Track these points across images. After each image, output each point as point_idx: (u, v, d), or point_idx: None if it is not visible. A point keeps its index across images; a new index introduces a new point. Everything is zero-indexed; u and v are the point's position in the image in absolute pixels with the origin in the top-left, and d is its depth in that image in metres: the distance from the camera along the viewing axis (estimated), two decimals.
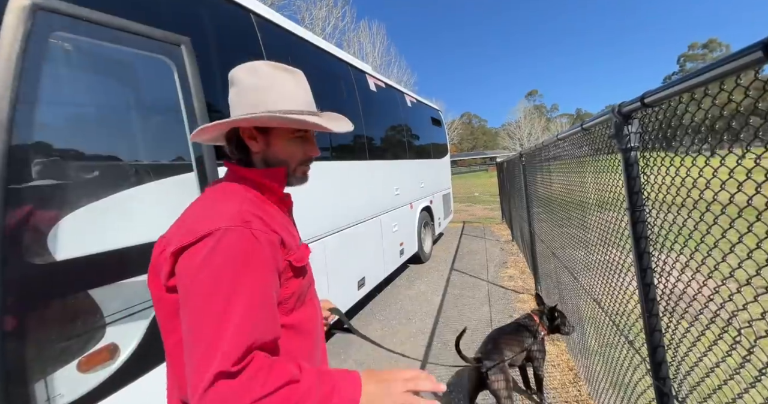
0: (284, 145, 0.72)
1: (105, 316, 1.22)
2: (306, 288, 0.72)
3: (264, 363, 0.53)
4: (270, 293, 0.59)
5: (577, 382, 2.16)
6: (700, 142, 0.79)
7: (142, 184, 1.40)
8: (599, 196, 1.47)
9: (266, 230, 0.61)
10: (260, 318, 0.56)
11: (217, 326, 0.52)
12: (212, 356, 0.50)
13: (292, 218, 0.80)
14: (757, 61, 0.54)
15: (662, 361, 0.96)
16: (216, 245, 0.55)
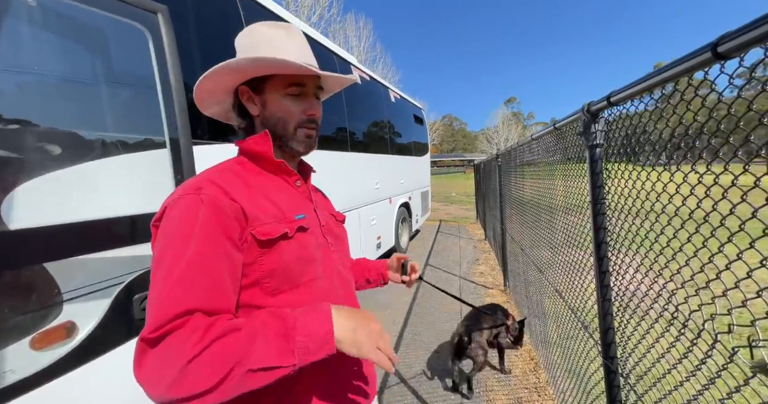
0: (279, 102, 0.67)
1: (63, 293, 1.16)
2: (298, 266, 0.63)
3: (201, 323, 0.49)
4: (213, 256, 0.54)
5: (536, 370, 2.28)
6: (654, 150, 0.86)
7: (109, 156, 1.33)
8: (566, 200, 1.56)
9: (218, 196, 0.58)
10: (196, 283, 0.52)
11: (153, 293, 0.52)
12: (147, 325, 0.49)
13: (301, 189, 0.73)
14: (707, 61, 0.60)
15: (612, 342, 1.05)
16: (168, 213, 0.57)
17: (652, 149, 0.89)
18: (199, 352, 0.46)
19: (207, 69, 0.70)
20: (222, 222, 0.56)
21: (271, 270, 0.61)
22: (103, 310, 1.23)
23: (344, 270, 0.76)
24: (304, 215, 0.68)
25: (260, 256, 0.60)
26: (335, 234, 0.78)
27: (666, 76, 0.71)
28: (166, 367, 0.46)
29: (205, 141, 1.90)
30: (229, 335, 0.48)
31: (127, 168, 1.38)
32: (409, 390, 2.14)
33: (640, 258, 0.92)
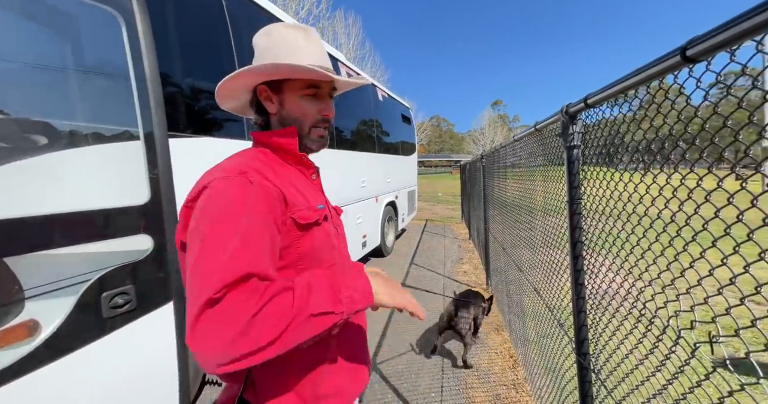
0: (296, 103, 0.71)
1: (25, 290, 1.10)
2: (324, 252, 0.70)
3: (259, 284, 0.53)
4: (262, 233, 0.58)
5: (515, 368, 2.32)
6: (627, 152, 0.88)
7: (77, 147, 1.27)
8: (546, 202, 1.59)
9: (263, 180, 0.61)
10: (253, 252, 0.55)
11: (210, 262, 0.53)
12: (201, 290, 0.50)
13: (315, 182, 0.79)
14: (676, 65, 0.62)
15: (585, 339, 1.07)
16: (212, 191, 0.59)
17: (624, 152, 0.91)
18: (261, 306, 0.50)
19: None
20: (270, 204, 0.60)
21: (304, 253, 0.66)
22: (69, 308, 1.17)
23: (348, 257, 0.84)
24: (322, 205, 0.73)
25: (297, 239, 0.65)
26: (339, 225, 0.85)
27: (639, 78, 0.72)
28: (228, 324, 0.48)
29: (184, 134, 1.84)
30: (286, 292, 0.53)
31: (97, 160, 1.32)
32: (390, 389, 2.14)
33: (612, 258, 0.95)
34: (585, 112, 1.06)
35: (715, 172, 0.61)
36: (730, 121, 0.54)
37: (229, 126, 2.23)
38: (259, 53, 0.71)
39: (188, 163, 1.87)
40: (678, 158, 0.71)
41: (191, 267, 0.54)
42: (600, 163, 1.04)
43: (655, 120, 0.77)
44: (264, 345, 0.49)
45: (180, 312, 1.50)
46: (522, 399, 2.01)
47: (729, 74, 0.58)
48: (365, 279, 0.61)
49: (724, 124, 0.54)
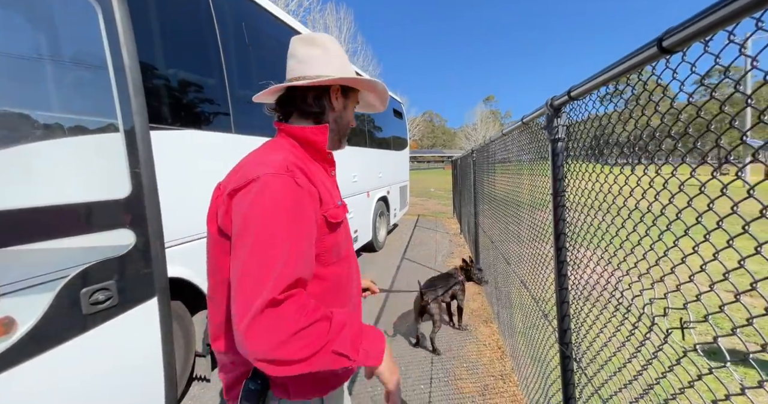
0: (351, 111, 0.84)
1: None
2: (342, 245, 0.76)
3: (308, 301, 0.59)
4: (309, 236, 0.63)
5: (503, 359, 2.36)
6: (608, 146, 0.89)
7: (54, 138, 1.23)
8: (532, 197, 1.61)
9: (307, 182, 0.66)
10: (302, 257, 0.61)
11: (267, 260, 0.56)
12: (262, 286, 0.55)
13: (333, 178, 0.85)
14: (653, 56, 0.62)
15: (567, 328, 1.09)
16: (264, 188, 0.61)
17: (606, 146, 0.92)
18: (305, 326, 0.55)
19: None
20: (314, 207, 0.66)
21: (329, 247, 0.71)
22: (47, 305, 1.14)
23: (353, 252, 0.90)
24: (341, 202, 0.80)
25: (325, 235, 0.70)
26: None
27: (619, 70, 0.73)
28: (280, 329, 0.54)
29: (165, 126, 1.79)
30: (326, 320, 0.58)
31: (75, 152, 1.28)
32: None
33: (593, 249, 0.96)
34: (569, 105, 1.07)
35: (688, 163, 0.62)
36: (702, 112, 0.55)
37: (214, 118, 2.19)
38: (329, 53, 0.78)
39: (172, 156, 1.83)
40: (654, 152, 0.72)
41: (244, 262, 0.57)
42: (583, 157, 1.05)
43: (634, 113, 0.77)
44: (296, 359, 0.55)
45: (165, 307, 1.47)
46: (509, 389, 2.04)
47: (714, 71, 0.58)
48: (382, 345, 0.66)
49: (697, 115, 0.55)
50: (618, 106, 0.87)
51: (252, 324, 0.53)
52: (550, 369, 1.39)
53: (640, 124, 0.75)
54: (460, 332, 2.80)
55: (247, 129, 2.35)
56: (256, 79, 2.52)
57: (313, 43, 0.79)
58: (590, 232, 0.97)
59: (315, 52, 0.77)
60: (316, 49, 0.78)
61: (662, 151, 0.66)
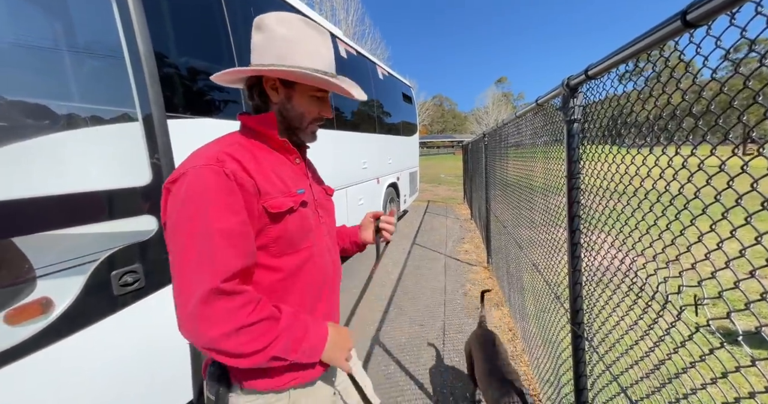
0: (303, 101, 0.76)
1: (36, 269, 1.14)
2: (296, 235, 0.73)
3: (254, 297, 0.61)
4: (240, 226, 0.63)
5: (514, 340, 2.41)
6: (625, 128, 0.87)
7: (76, 128, 1.27)
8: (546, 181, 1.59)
9: (239, 171, 0.65)
10: (235, 247, 0.61)
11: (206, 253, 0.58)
12: (200, 277, 0.57)
13: (299, 166, 0.81)
14: (677, 31, 0.60)
15: (579, 309, 1.10)
16: (191, 181, 0.61)
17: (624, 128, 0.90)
18: (250, 324, 0.58)
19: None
20: (244, 195, 0.64)
21: (276, 237, 0.70)
22: (80, 287, 1.22)
23: (330, 239, 0.87)
24: (303, 190, 0.77)
25: (267, 225, 0.69)
26: (324, 207, 0.88)
27: (639, 47, 0.71)
28: (222, 322, 0.57)
29: (182, 115, 1.83)
30: (271, 320, 0.62)
31: (95, 140, 1.32)
32: (392, 360, 2.23)
33: (608, 230, 0.96)
34: (586, 85, 1.04)
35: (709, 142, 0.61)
36: (726, 89, 0.53)
37: (226, 106, 2.21)
38: (270, 38, 0.71)
39: (188, 144, 1.87)
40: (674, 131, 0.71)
41: (178, 256, 0.59)
42: (600, 139, 1.03)
43: (655, 91, 0.75)
44: (238, 353, 0.58)
45: None
46: (519, 368, 2.09)
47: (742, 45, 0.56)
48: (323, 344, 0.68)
49: (720, 91, 0.54)
50: (638, 84, 0.84)
51: (194, 312, 0.56)
52: (561, 349, 1.41)
53: (661, 102, 0.73)
54: (472, 314, 2.85)
55: None
56: None
57: (257, 28, 0.72)
58: (605, 214, 0.97)
59: (257, 39, 0.72)
60: (258, 35, 0.72)
61: (683, 130, 0.64)
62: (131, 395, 1.37)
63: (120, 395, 1.33)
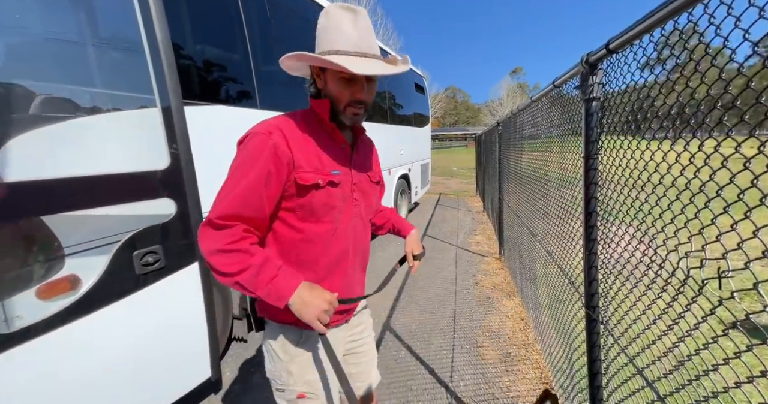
0: (333, 84, 0.81)
1: (64, 247, 1.19)
2: (319, 210, 0.83)
3: (238, 234, 0.75)
4: (257, 185, 0.76)
5: (526, 330, 2.39)
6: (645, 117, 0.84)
7: (99, 113, 1.31)
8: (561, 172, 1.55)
9: (281, 144, 0.78)
10: (243, 198, 0.76)
11: (224, 194, 0.76)
12: (214, 209, 0.76)
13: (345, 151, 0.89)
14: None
15: (594, 293, 1.09)
16: (248, 141, 0.79)
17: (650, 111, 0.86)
18: (227, 250, 0.74)
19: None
20: (276, 163, 0.77)
21: (301, 205, 0.82)
22: (104, 265, 1.27)
23: (361, 221, 0.94)
24: (339, 172, 0.86)
25: (296, 193, 0.81)
26: (364, 191, 0.94)
27: (665, 13, 0.67)
28: (210, 243, 0.75)
29: (197, 102, 1.86)
30: (247, 253, 0.75)
31: (116, 125, 1.36)
32: (403, 346, 2.26)
33: (629, 221, 0.93)
34: (606, 60, 1.00)
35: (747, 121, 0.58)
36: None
37: (241, 95, 2.23)
38: (317, 34, 0.81)
39: (203, 130, 1.90)
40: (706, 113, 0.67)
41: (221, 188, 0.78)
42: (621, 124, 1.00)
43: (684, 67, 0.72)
44: (217, 270, 0.75)
45: (205, 271, 1.60)
46: (532, 357, 2.08)
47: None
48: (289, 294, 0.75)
49: (763, 66, 0.51)
50: (664, 55, 0.80)
51: (201, 228, 0.76)
52: (574, 335, 1.40)
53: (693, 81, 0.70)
54: (483, 303, 2.84)
55: (271, 104, 2.39)
56: (278, 55, 2.52)
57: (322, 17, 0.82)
58: (623, 194, 0.94)
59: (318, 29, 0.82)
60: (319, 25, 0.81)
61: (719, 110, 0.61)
62: (151, 371, 1.44)
63: (140, 370, 1.39)
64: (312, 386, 0.90)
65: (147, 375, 1.43)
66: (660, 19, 0.70)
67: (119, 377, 1.33)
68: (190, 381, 1.61)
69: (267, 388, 1.94)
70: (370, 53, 0.79)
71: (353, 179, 0.90)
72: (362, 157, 0.97)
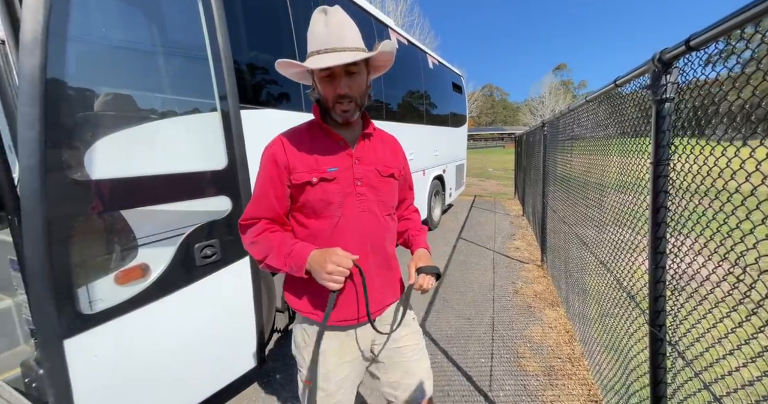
0: (319, 86, 0.87)
1: (138, 238, 1.32)
2: (319, 205, 0.89)
3: (261, 226, 0.91)
4: (265, 187, 0.90)
5: (571, 342, 2.26)
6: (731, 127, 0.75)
7: (168, 118, 1.43)
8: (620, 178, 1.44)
9: (279, 151, 0.90)
10: (261, 201, 0.91)
11: (249, 201, 0.94)
12: (243, 214, 0.94)
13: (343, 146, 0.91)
14: None
15: (661, 310, 1.00)
16: (262, 153, 0.94)
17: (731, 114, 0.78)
18: (255, 240, 0.90)
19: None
20: (276, 169, 0.90)
21: (303, 203, 0.91)
22: (170, 256, 1.39)
23: (373, 217, 0.94)
24: (336, 168, 0.89)
25: (294, 193, 0.91)
26: (373, 185, 0.94)
27: (762, 8, 0.60)
28: (245, 239, 0.93)
29: (252, 106, 1.97)
30: (267, 240, 0.89)
31: (184, 128, 1.48)
32: (439, 351, 2.23)
33: (705, 221, 0.85)
34: (684, 58, 0.92)
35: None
36: None
37: (288, 99, 2.33)
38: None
39: (255, 132, 2.02)
40: None
41: None
42: (696, 128, 0.91)
43: None
44: (257, 258, 0.90)
45: (254, 265, 1.69)
46: (578, 372, 1.97)
47: None
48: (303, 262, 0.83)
49: None
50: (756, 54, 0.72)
51: (239, 226, 0.95)
52: (632, 354, 1.30)
53: None
54: (523, 312, 2.73)
55: None
56: None
57: None
58: (699, 205, 0.85)
59: None
60: None
61: None
62: (206, 356, 1.55)
63: (197, 355, 1.51)
64: (319, 376, 0.93)
65: (203, 360, 1.54)
66: (760, 13, 0.63)
67: (180, 360, 1.44)
68: (238, 367, 1.71)
69: None
70: (340, 47, 0.81)
71: (355, 174, 0.91)
72: (369, 152, 0.95)
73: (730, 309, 0.74)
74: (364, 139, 0.95)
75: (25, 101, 0.97)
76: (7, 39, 1.09)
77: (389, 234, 0.99)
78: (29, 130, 0.98)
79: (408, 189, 1.14)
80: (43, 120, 1.00)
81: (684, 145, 0.93)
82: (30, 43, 0.97)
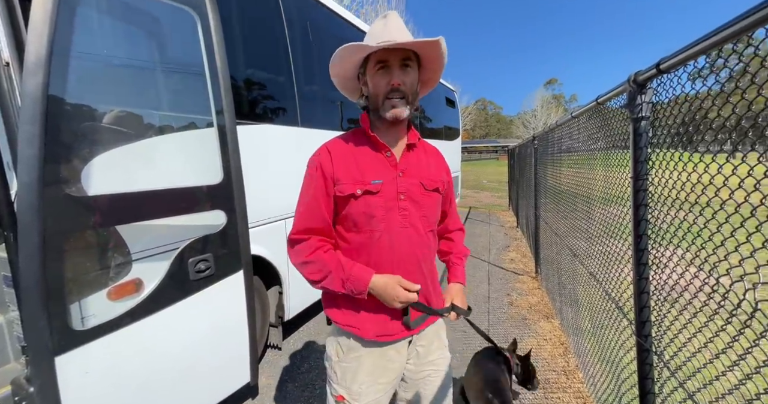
0: (372, 80, 0.85)
1: (132, 253, 1.32)
2: (361, 219, 0.86)
3: (313, 244, 0.87)
4: (315, 199, 0.87)
5: (566, 355, 2.26)
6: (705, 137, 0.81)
7: (165, 134, 1.47)
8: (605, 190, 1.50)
9: (326, 162, 0.87)
10: (309, 213, 0.88)
11: (297, 213, 0.90)
12: (292, 227, 0.91)
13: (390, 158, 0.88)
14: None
15: (646, 320, 1.02)
16: (306, 166, 0.92)
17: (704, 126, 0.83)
18: (308, 260, 0.86)
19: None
20: (324, 179, 0.87)
21: (345, 216, 0.88)
22: (164, 271, 1.39)
23: (415, 232, 0.90)
24: (381, 181, 0.87)
25: (338, 205, 0.89)
26: (415, 200, 0.90)
27: (725, 35, 0.66)
28: (295, 257, 0.90)
29: (247, 121, 2.01)
30: (323, 262, 0.86)
31: (180, 144, 1.51)
32: None
33: (681, 233, 0.89)
34: (656, 80, 0.98)
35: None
36: None
37: (284, 114, 2.38)
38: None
39: (250, 147, 2.05)
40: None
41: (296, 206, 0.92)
42: (671, 143, 0.96)
43: (742, 86, 0.69)
44: (307, 278, 0.88)
45: (249, 279, 1.69)
46: (573, 385, 1.96)
47: None
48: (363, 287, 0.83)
49: None
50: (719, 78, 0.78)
51: (287, 246, 0.92)
52: (622, 365, 1.31)
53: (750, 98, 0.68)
54: (518, 325, 2.73)
55: (311, 122, 2.52)
56: (318, 76, 2.68)
57: None
58: (674, 205, 0.89)
59: None
60: None
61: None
62: (199, 371, 1.53)
63: (191, 370, 1.49)
64: (351, 394, 0.89)
65: (196, 375, 1.52)
66: (717, 43, 0.69)
67: (173, 376, 1.42)
68: (232, 383, 1.68)
69: (300, 396, 1.98)
70: (400, 39, 0.79)
71: (399, 187, 0.87)
72: (413, 164, 0.92)
73: (707, 318, 0.77)
74: (409, 150, 0.91)
75: (26, 120, 1.00)
76: (12, 62, 1.12)
77: (430, 252, 0.96)
78: (29, 147, 1.00)
79: (449, 202, 1.08)
80: (42, 137, 1.02)
81: (660, 160, 0.98)
82: (33, 65, 1.00)
